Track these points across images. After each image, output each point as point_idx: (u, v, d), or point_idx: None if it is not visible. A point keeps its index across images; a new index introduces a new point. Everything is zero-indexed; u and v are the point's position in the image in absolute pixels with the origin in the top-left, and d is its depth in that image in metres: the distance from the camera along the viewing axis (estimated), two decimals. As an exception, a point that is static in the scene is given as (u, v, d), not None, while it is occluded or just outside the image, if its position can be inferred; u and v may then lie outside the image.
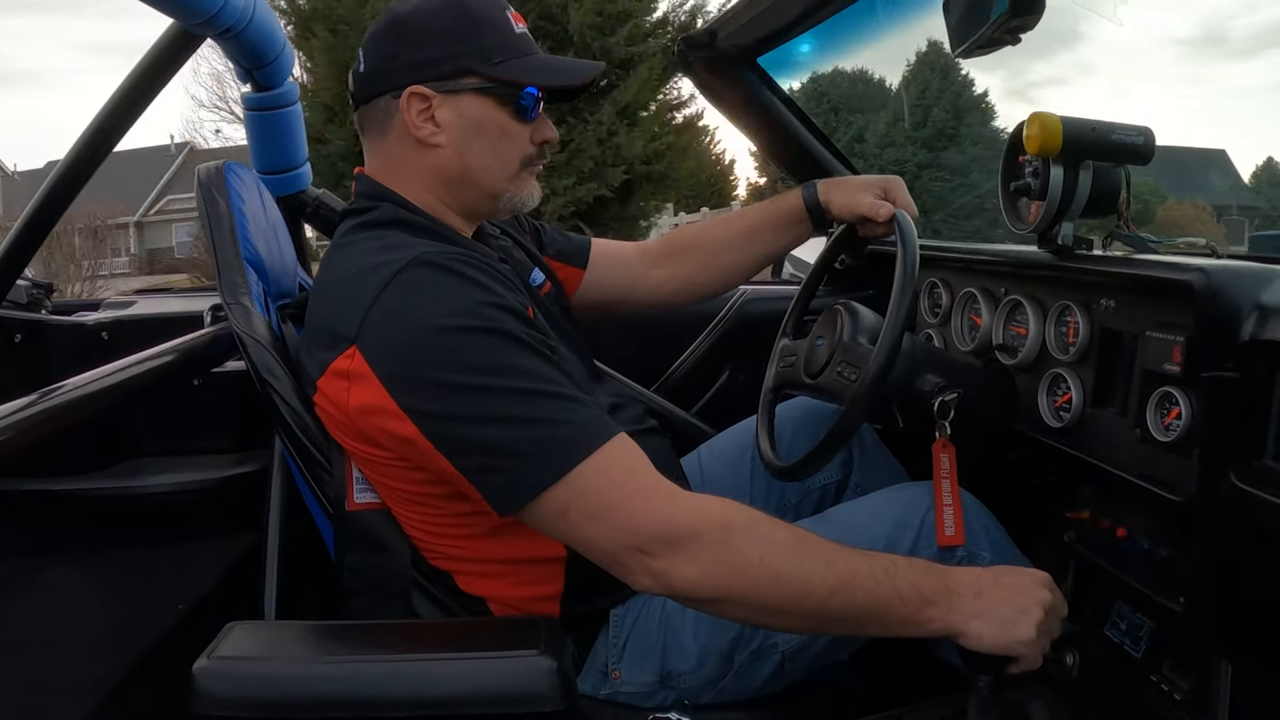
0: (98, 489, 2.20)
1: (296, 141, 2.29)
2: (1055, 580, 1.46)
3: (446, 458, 1.17)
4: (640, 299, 1.88)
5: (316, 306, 1.34)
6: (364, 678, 1.07)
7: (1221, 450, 1.19)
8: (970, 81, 23.23)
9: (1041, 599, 1.20)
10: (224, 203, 1.50)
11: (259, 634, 1.17)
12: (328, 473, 1.32)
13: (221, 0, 1.76)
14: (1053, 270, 1.53)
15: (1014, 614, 1.18)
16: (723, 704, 1.37)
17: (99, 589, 2.03)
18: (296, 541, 1.63)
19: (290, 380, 1.34)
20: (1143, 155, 1.45)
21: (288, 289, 1.65)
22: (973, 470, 1.52)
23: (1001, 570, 1.24)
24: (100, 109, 2.03)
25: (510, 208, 1.44)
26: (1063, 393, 1.47)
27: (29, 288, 2.44)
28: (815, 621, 1.22)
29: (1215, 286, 1.18)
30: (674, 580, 1.14)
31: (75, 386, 1.46)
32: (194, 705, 1.02)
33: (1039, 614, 1.18)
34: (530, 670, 1.04)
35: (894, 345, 1.40)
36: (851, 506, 1.54)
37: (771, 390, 1.75)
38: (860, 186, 1.70)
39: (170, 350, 1.74)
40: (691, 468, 1.75)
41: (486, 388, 1.15)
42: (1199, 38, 57.51)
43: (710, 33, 2.05)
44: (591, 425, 1.16)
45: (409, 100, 1.33)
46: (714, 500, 1.18)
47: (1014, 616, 1.18)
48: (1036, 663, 1.20)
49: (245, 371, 1.36)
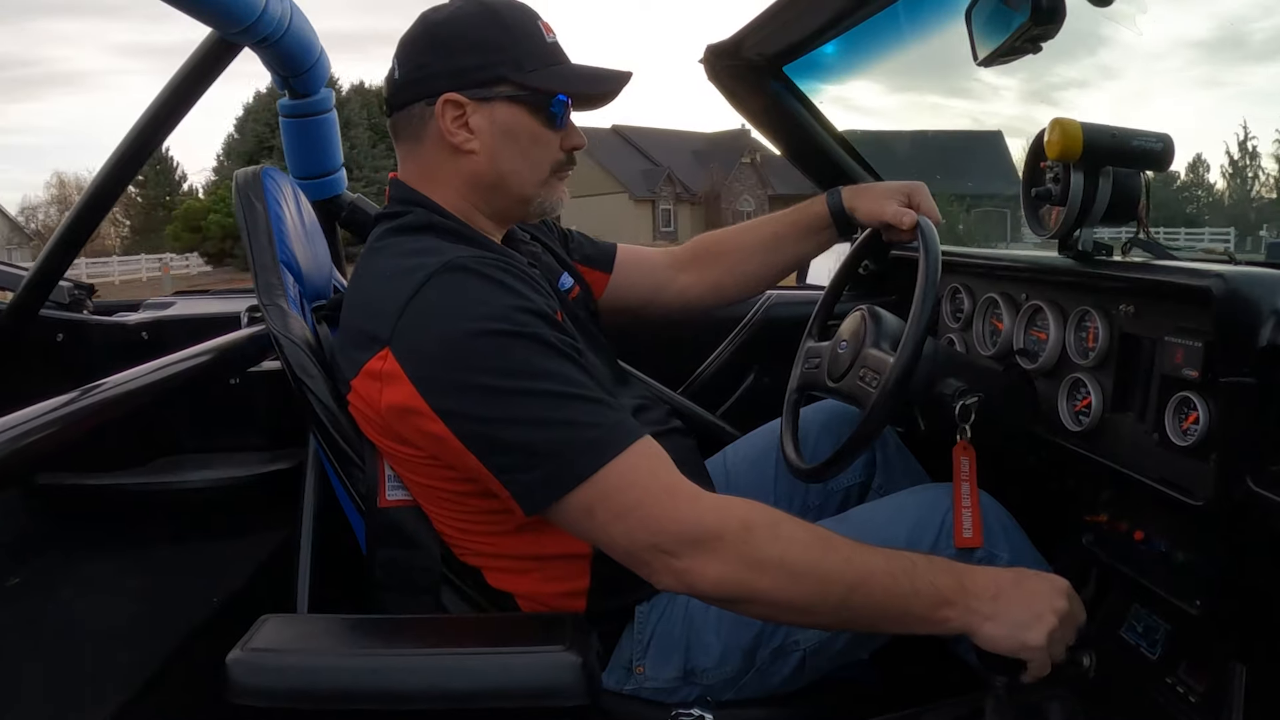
0: (136, 484, 2.23)
1: (332, 147, 2.31)
2: (1074, 583, 1.46)
3: (476, 457, 1.18)
4: (667, 303, 1.89)
5: (351, 308, 1.35)
6: (392, 671, 1.07)
7: (1239, 455, 1.18)
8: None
9: (1058, 607, 1.19)
10: (261, 207, 1.52)
11: (291, 627, 1.18)
12: (360, 470, 1.33)
13: (259, 9, 1.78)
14: (1073, 276, 1.53)
15: (1028, 619, 1.17)
16: (744, 700, 1.37)
17: (137, 581, 2.06)
18: (329, 537, 1.64)
19: (325, 379, 1.35)
20: (1162, 161, 1.45)
21: (322, 291, 1.67)
22: (993, 473, 1.51)
23: (1023, 574, 1.23)
24: (140, 116, 2.05)
25: (540, 212, 1.45)
26: (1082, 397, 1.47)
27: (71, 289, 2.47)
28: (834, 618, 1.22)
29: (1234, 293, 1.17)
30: (696, 580, 1.14)
31: (115, 384, 1.47)
32: (227, 694, 1.03)
33: (1053, 621, 1.18)
34: (556, 665, 1.05)
35: (916, 350, 1.40)
36: (871, 507, 1.54)
37: (796, 391, 1.75)
38: (885, 194, 1.70)
39: (208, 350, 1.76)
40: (716, 469, 1.75)
41: (516, 390, 1.15)
42: (1217, 41, 57.08)
43: (736, 42, 2.05)
44: (618, 428, 1.16)
45: (444, 107, 1.34)
46: (736, 501, 1.19)
47: (1028, 621, 1.17)
48: (1046, 669, 1.19)
49: (281, 371, 1.37)
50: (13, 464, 1.19)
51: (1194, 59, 58.98)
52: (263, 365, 2.05)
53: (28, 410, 1.26)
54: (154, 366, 1.58)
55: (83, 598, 1.97)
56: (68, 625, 1.86)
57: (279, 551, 2.02)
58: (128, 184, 2.20)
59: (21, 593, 1.98)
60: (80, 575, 2.06)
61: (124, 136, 2.08)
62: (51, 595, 1.98)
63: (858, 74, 2.29)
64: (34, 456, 1.26)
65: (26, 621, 1.88)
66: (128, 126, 2.03)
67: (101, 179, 2.11)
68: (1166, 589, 1.35)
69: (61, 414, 1.30)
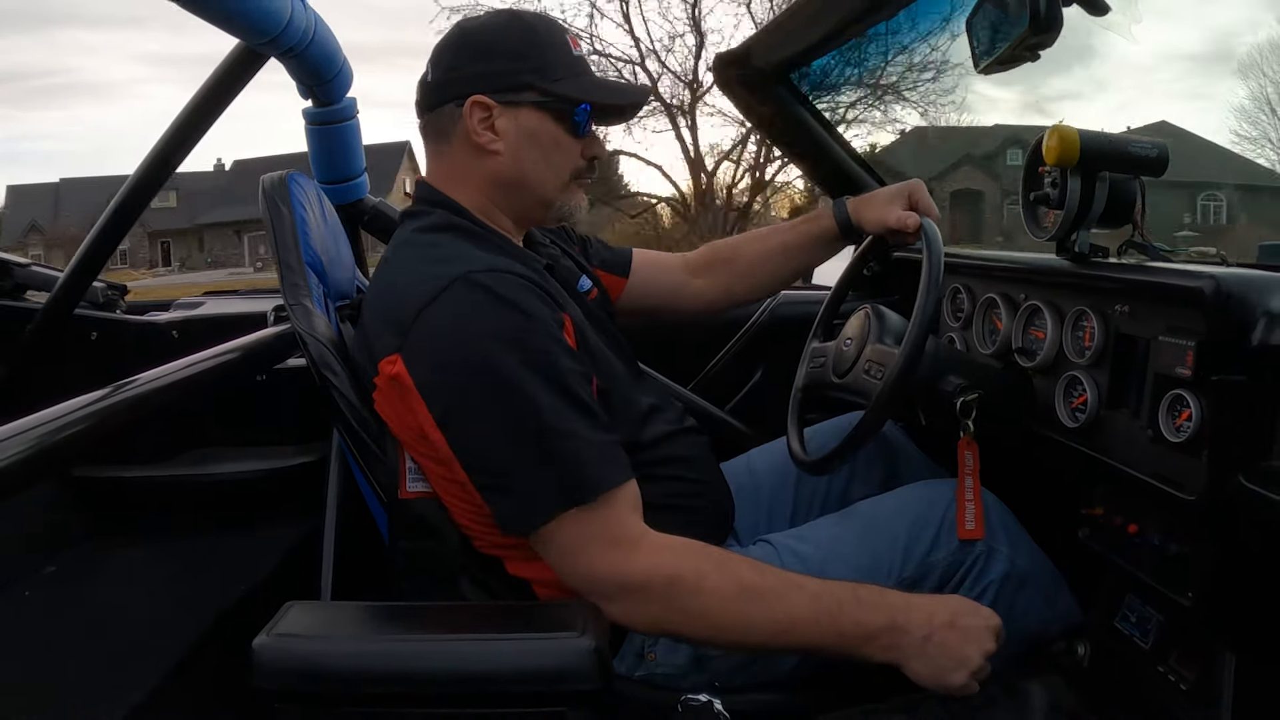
0: (167, 476, 2.25)
1: (355, 153, 2.32)
2: (1070, 575, 1.46)
3: (463, 469, 1.23)
4: (683, 306, 1.90)
5: (371, 307, 1.37)
6: (412, 655, 1.08)
7: (1230, 451, 1.18)
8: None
9: (986, 649, 1.23)
10: (287, 210, 1.52)
11: (315, 613, 1.18)
12: (382, 463, 1.34)
13: (284, 21, 1.79)
14: (1070, 277, 1.53)
15: (954, 663, 1.22)
16: (753, 685, 1.38)
17: (167, 569, 2.07)
18: (352, 527, 1.65)
19: (348, 376, 1.35)
20: (1157, 167, 1.45)
21: (346, 291, 1.67)
22: (992, 467, 1.51)
23: (958, 613, 1.26)
24: (170, 124, 2.07)
25: (559, 216, 1.46)
26: (1079, 394, 1.47)
27: (104, 289, 2.48)
28: (762, 654, 1.33)
29: (1226, 294, 1.17)
30: (629, 622, 1.23)
31: (147, 381, 1.48)
32: (254, 678, 1.04)
33: (978, 663, 1.22)
34: (569, 651, 1.05)
35: (918, 347, 1.40)
36: (875, 503, 1.54)
37: (801, 390, 1.75)
38: (887, 200, 1.70)
39: (236, 348, 1.77)
40: (740, 471, 1.76)
41: (507, 419, 1.20)
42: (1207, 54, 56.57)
43: (744, 51, 2.05)
44: (588, 476, 1.20)
45: (471, 108, 1.35)
46: (670, 553, 1.23)
47: (953, 666, 1.22)
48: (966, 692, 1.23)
49: (306, 368, 1.37)
50: (49, 457, 1.20)
51: (1183, 72, 58.75)
52: (288, 362, 2.06)
53: (63, 405, 1.27)
54: (184, 364, 1.59)
55: (116, 585, 1.99)
56: (101, 610, 1.88)
57: (304, 541, 2.03)
58: (159, 188, 2.21)
59: (58, 580, 2.00)
60: (113, 563, 2.08)
61: (155, 142, 2.09)
62: (86, 582, 2.00)
63: (858, 83, 2.29)
64: (69, 450, 1.27)
65: (63, 607, 1.90)
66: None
67: (134, 183, 2.12)
68: (1159, 580, 1.35)
69: (96, 409, 1.32)
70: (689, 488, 1.46)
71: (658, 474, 1.40)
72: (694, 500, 1.46)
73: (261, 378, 2.27)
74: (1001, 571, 1.42)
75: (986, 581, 1.42)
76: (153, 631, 1.81)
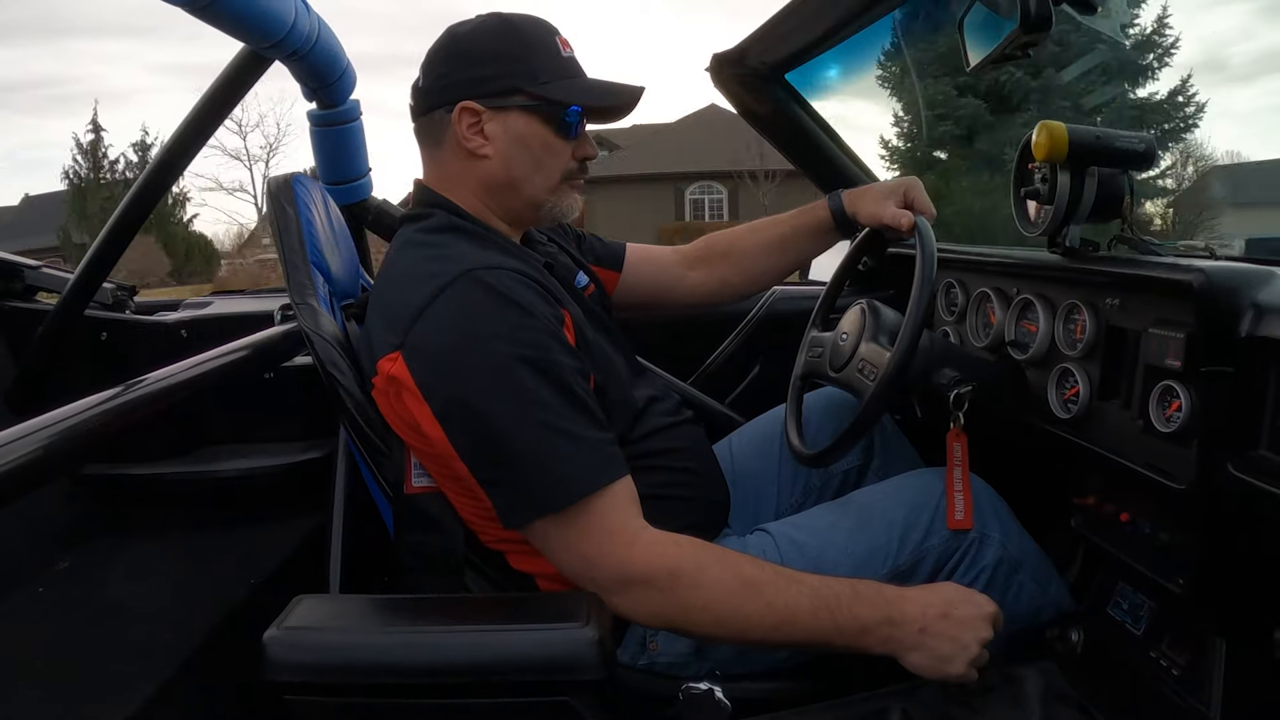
0: (177, 473, 2.25)
1: (358, 155, 2.32)
2: (1063, 563, 1.46)
3: (464, 464, 1.23)
4: (678, 299, 1.89)
5: (373, 306, 1.37)
6: (418, 646, 1.08)
7: (1219, 441, 1.18)
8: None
9: (983, 637, 1.22)
10: (292, 211, 1.52)
11: (324, 606, 1.18)
12: (387, 459, 1.34)
13: (288, 26, 1.79)
14: (1061, 271, 1.53)
15: (951, 652, 1.21)
16: (754, 673, 1.38)
17: (178, 564, 2.08)
18: (359, 522, 1.65)
19: (353, 373, 1.36)
20: (1145, 161, 1.45)
21: (350, 290, 1.67)
22: (986, 458, 1.52)
23: (953, 602, 1.24)
24: (178, 126, 2.07)
25: (551, 217, 1.46)
26: (1070, 386, 1.47)
27: (114, 290, 2.48)
28: (764, 646, 1.32)
29: (1214, 286, 1.17)
30: (629, 614, 1.23)
31: (157, 380, 1.48)
32: (264, 671, 1.04)
33: (975, 651, 1.21)
34: (573, 641, 1.06)
35: (912, 342, 1.40)
36: (870, 491, 1.55)
37: (800, 378, 1.76)
38: (882, 195, 1.70)
39: (244, 346, 1.77)
40: (722, 455, 1.76)
41: (507, 415, 1.19)
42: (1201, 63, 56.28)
43: (741, 50, 2.05)
44: (587, 471, 1.21)
45: (460, 114, 1.35)
46: (670, 547, 1.22)
47: (951, 654, 1.21)
48: (969, 679, 1.23)
49: (312, 366, 1.38)
50: (62, 455, 1.20)
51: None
52: (295, 360, 2.06)
53: (75, 405, 1.27)
54: (193, 362, 1.59)
55: (127, 580, 2.00)
56: (114, 605, 1.89)
57: (312, 536, 2.04)
58: (166, 190, 2.22)
59: (71, 575, 2.01)
60: (125, 559, 2.08)
61: (162, 145, 2.10)
62: (98, 577, 2.01)
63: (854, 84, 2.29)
64: (81, 448, 1.27)
65: (75, 602, 1.90)
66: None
67: (142, 186, 2.13)
68: (1150, 568, 1.35)
69: (107, 408, 1.32)
70: (685, 478, 1.46)
71: (655, 464, 1.40)
72: (690, 490, 1.47)
73: (269, 376, 2.27)
74: (994, 557, 1.42)
75: (980, 567, 1.42)
76: (164, 626, 1.82)
